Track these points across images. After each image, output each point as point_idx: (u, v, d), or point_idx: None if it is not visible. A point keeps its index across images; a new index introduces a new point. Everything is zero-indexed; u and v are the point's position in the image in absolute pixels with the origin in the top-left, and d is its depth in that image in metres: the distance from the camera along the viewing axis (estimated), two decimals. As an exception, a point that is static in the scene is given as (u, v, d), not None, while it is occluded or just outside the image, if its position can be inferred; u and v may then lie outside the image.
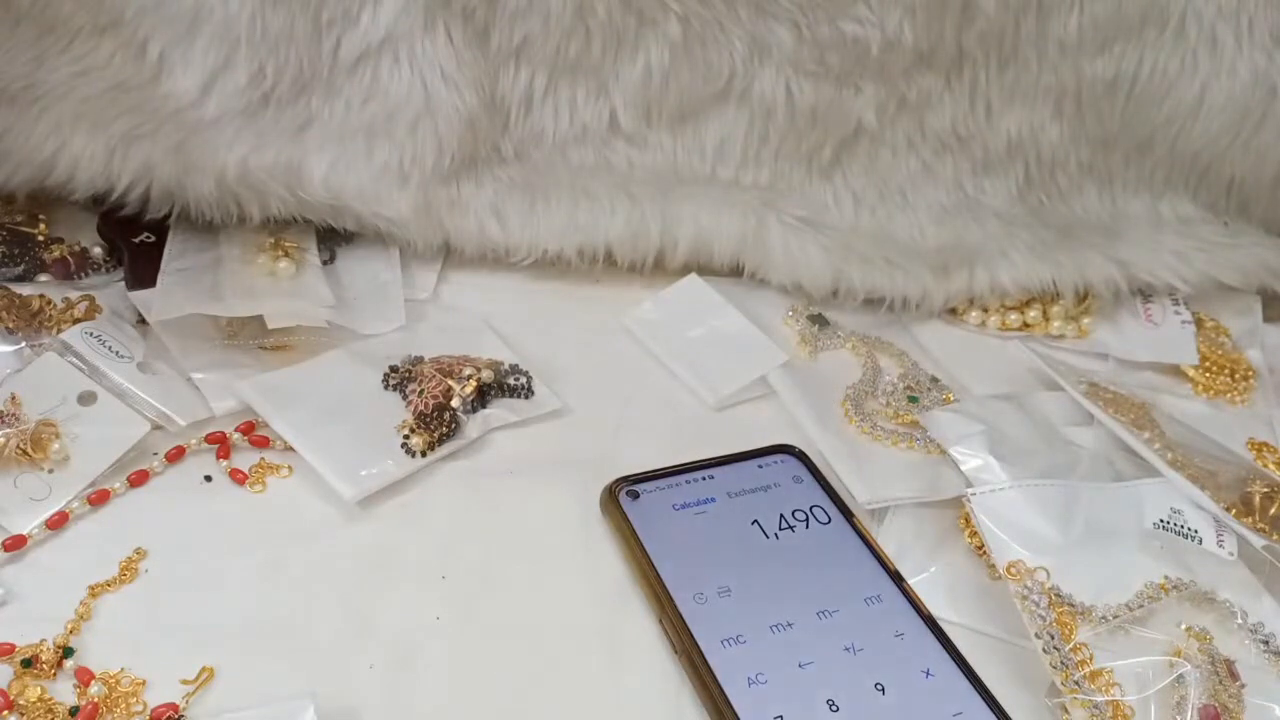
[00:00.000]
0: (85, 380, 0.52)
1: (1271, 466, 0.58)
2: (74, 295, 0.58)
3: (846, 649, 0.45)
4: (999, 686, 0.44)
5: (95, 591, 0.46)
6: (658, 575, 0.47)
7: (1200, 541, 0.50)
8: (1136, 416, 0.57)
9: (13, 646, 0.43)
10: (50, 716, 0.41)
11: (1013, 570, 0.47)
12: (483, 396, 0.55)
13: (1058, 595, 0.47)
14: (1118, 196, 0.69)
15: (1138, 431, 0.55)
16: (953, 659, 0.45)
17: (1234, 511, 0.51)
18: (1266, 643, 0.47)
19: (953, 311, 0.66)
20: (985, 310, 0.66)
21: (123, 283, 0.59)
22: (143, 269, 0.59)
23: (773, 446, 0.54)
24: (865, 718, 0.42)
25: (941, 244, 0.66)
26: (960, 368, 0.63)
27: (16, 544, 0.47)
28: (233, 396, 0.53)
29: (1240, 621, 0.48)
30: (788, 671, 0.44)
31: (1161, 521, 0.51)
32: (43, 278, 0.59)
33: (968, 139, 0.67)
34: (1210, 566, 0.49)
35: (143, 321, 0.57)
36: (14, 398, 0.50)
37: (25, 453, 0.48)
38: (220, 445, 0.52)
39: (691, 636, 0.44)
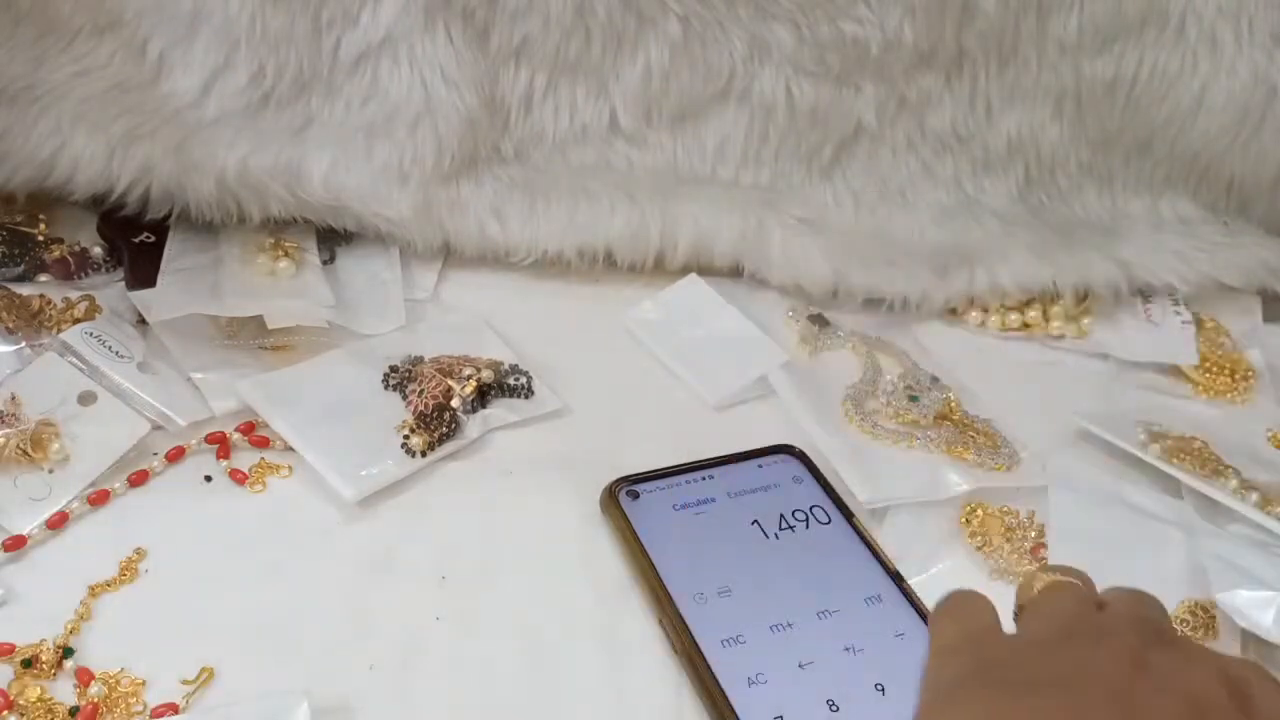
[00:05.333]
0: (85, 380, 0.52)
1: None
2: (74, 295, 0.58)
3: (846, 649, 0.45)
4: (999, 686, 0.44)
5: (95, 591, 0.46)
6: (658, 575, 0.47)
7: None
8: (1203, 461, 0.55)
9: (13, 646, 0.43)
10: (50, 716, 0.41)
11: None
12: (483, 396, 0.55)
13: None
14: (1118, 196, 0.69)
15: (1220, 481, 0.54)
16: (953, 659, 0.45)
17: None
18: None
19: (953, 311, 0.66)
20: (985, 310, 0.66)
21: (123, 283, 0.59)
22: (143, 269, 0.59)
23: (773, 446, 0.54)
24: (865, 718, 0.42)
25: (941, 244, 0.66)
26: (960, 368, 0.63)
27: (16, 544, 0.47)
28: (233, 396, 0.53)
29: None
30: (788, 671, 0.44)
31: None
32: (43, 278, 0.59)
33: (968, 139, 0.67)
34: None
35: (143, 321, 0.57)
36: (14, 398, 0.50)
37: (25, 453, 0.48)
38: (220, 445, 0.52)
39: (691, 636, 0.44)
